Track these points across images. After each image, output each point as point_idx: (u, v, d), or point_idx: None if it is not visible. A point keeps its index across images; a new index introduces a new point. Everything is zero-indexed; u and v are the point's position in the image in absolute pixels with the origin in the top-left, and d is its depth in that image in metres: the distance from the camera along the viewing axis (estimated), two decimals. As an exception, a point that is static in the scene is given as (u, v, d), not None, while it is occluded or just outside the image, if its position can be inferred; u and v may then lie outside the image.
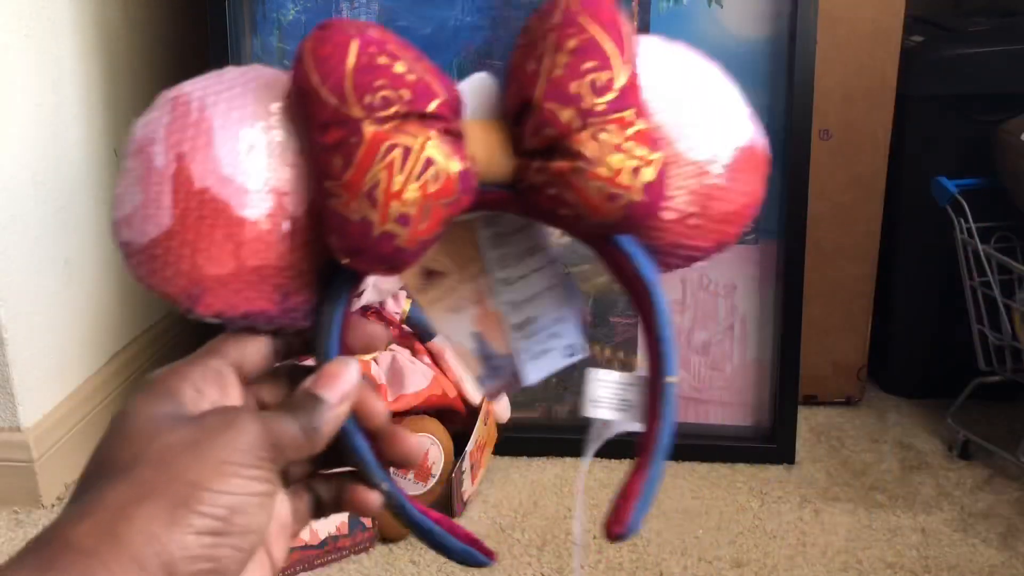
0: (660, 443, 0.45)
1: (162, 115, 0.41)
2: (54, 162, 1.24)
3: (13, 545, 1.13)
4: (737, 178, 0.45)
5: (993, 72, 1.29)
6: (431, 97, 0.39)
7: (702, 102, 0.46)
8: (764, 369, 1.30)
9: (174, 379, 0.39)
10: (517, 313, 0.50)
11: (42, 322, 1.22)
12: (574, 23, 0.41)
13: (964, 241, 1.25)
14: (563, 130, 0.40)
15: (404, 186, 0.38)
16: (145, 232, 0.39)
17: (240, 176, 0.39)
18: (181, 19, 1.56)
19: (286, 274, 0.40)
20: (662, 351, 0.45)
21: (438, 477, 1.11)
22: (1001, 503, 1.18)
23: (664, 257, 0.46)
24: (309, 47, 0.39)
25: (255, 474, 0.36)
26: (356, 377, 0.41)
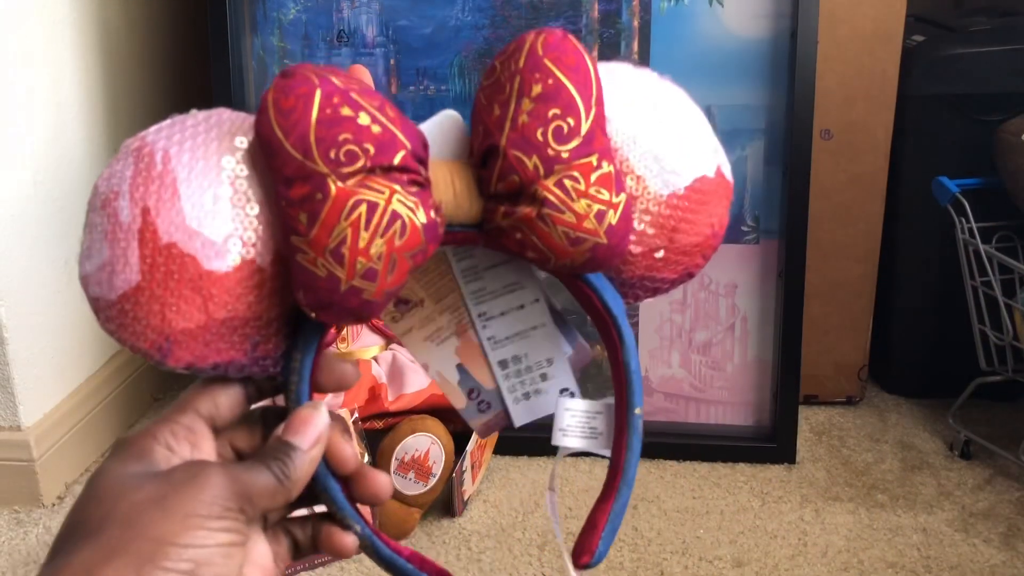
0: (627, 474, 0.46)
1: (125, 168, 0.40)
2: (54, 162, 1.24)
3: (13, 544, 1.13)
4: (702, 209, 0.46)
5: (994, 72, 1.29)
6: (396, 149, 0.39)
7: (667, 134, 0.46)
8: (765, 368, 1.30)
9: (145, 439, 0.40)
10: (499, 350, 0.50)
11: (42, 322, 1.22)
12: (539, 67, 0.41)
13: (965, 241, 1.25)
14: (528, 177, 0.41)
15: (370, 242, 0.38)
16: (114, 288, 0.39)
17: (206, 229, 0.39)
18: (181, 18, 1.56)
19: (255, 324, 0.41)
20: (629, 382, 0.46)
21: (439, 476, 1.11)
22: (1002, 503, 1.18)
23: (631, 289, 0.47)
24: (272, 98, 0.38)
25: (221, 525, 0.37)
26: (326, 421, 0.41)
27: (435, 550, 1.11)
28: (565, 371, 0.51)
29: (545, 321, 0.50)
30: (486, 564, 1.08)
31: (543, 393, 0.51)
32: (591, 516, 0.47)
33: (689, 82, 1.31)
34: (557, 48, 0.41)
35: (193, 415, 0.41)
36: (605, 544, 0.46)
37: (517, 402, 0.51)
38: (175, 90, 1.55)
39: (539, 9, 1.22)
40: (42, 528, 1.16)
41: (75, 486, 1.25)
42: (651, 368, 1.32)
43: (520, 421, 0.52)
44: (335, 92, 0.38)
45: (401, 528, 1.11)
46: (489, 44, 1.24)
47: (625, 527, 1.14)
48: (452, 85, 1.25)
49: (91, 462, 1.30)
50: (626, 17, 1.22)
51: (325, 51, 1.26)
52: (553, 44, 0.41)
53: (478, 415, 0.52)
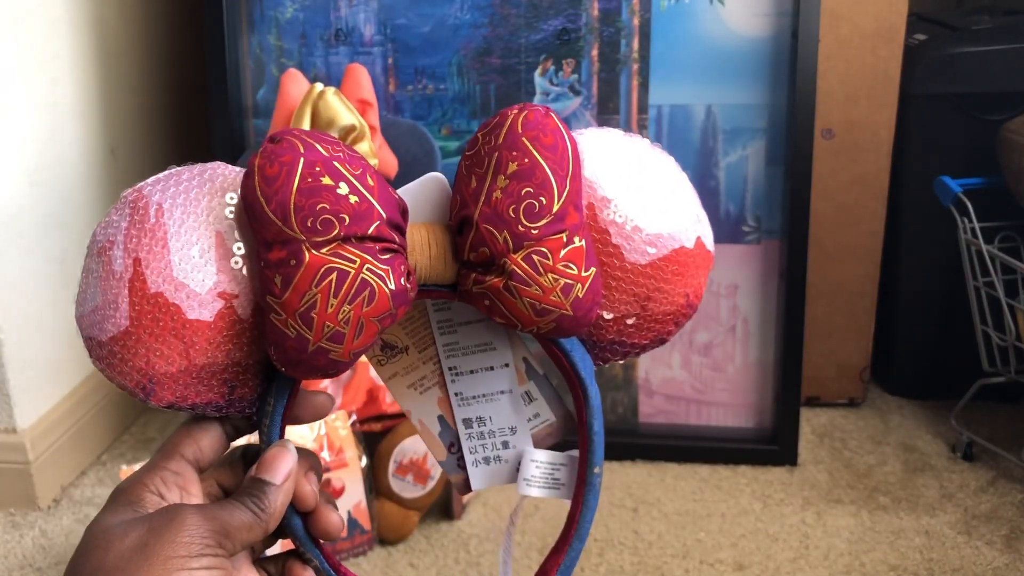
0: (581, 529, 0.49)
1: (121, 219, 0.43)
2: (51, 162, 1.23)
3: (8, 547, 1.13)
4: (677, 279, 0.47)
5: (996, 71, 1.28)
6: (371, 220, 0.41)
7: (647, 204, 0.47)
8: (766, 370, 1.29)
9: (136, 488, 0.43)
10: (465, 408, 0.51)
11: (38, 324, 1.21)
12: (517, 145, 0.43)
13: (968, 241, 1.24)
14: (498, 250, 0.43)
15: (338, 308, 0.41)
16: (105, 330, 0.43)
17: (191, 281, 0.42)
18: (178, 17, 1.56)
19: (233, 370, 0.44)
20: (591, 443, 0.48)
21: (437, 479, 1.11)
22: (1005, 505, 1.17)
23: (602, 352, 0.49)
24: (258, 164, 0.41)
25: (202, 563, 0.40)
26: (295, 457, 0.45)
27: (433, 553, 1.10)
28: (527, 443, 0.52)
29: (513, 388, 0.51)
30: (485, 568, 1.07)
31: (503, 461, 0.52)
32: (542, 566, 0.50)
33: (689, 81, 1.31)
34: (536, 127, 0.43)
35: (179, 460, 0.45)
36: None
37: (476, 464, 0.52)
38: (172, 90, 1.54)
39: (538, 7, 1.21)
40: (37, 531, 1.15)
41: (71, 489, 1.24)
42: (651, 370, 1.31)
43: (477, 486, 0.52)
44: (318, 161, 0.41)
45: (399, 531, 1.11)
46: (488, 43, 1.23)
47: (626, 530, 1.13)
48: (450, 84, 1.24)
49: (87, 464, 1.30)
50: (626, 15, 1.21)
51: (322, 50, 1.25)
52: (533, 122, 0.43)
53: (456, 470, 0.53)
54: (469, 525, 1.14)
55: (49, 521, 1.17)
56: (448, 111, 1.25)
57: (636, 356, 0.49)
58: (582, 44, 1.22)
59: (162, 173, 0.44)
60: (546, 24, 1.22)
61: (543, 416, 0.52)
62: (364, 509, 1.08)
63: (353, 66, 1.12)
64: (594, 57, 1.22)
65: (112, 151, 1.36)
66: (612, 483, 1.24)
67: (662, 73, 1.22)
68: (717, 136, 1.23)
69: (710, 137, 1.24)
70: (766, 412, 1.30)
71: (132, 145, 1.41)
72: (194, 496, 0.44)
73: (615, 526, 1.14)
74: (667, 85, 1.22)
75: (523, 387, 0.51)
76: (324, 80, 1.25)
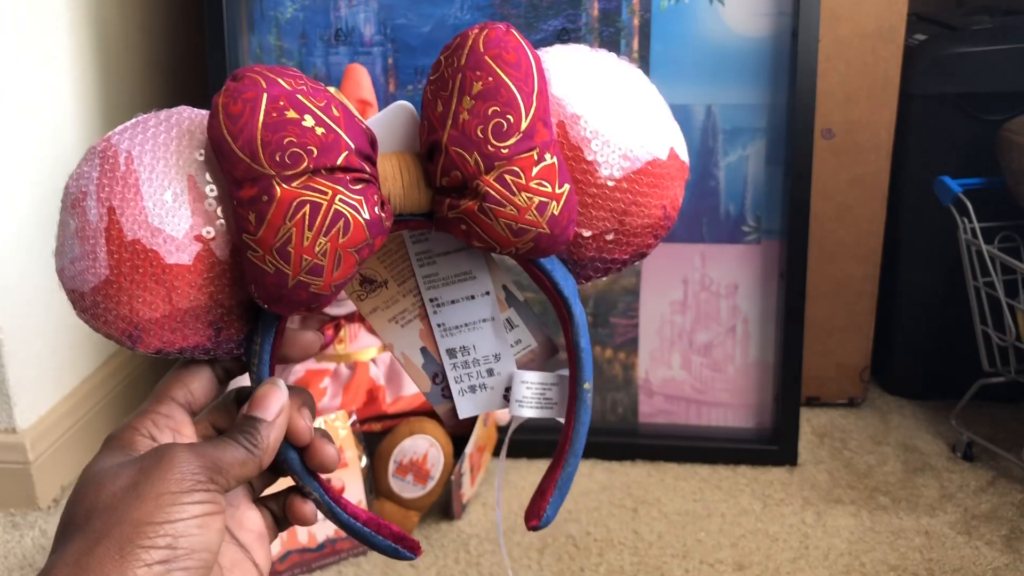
0: (575, 444, 0.49)
1: (92, 169, 0.43)
2: (50, 162, 1.23)
3: (9, 547, 1.13)
4: (652, 191, 0.47)
5: (996, 71, 1.28)
6: (339, 150, 0.41)
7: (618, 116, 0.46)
8: (766, 370, 1.29)
9: (127, 433, 0.44)
10: (448, 339, 0.52)
11: (38, 324, 1.21)
12: (480, 65, 0.43)
13: (968, 241, 1.24)
14: (469, 173, 0.43)
15: (314, 240, 0.41)
16: (86, 281, 0.43)
17: (167, 226, 0.42)
18: (178, 17, 1.56)
19: (217, 311, 0.44)
20: (579, 359, 0.49)
21: (437, 479, 1.10)
22: (1005, 505, 1.17)
23: (583, 269, 0.49)
24: (221, 102, 0.41)
25: (193, 499, 0.40)
26: (286, 394, 0.45)
27: (433, 553, 1.10)
28: (512, 368, 0.52)
29: (495, 315, 0.51)
30: (485, 568, 1.07)
31: (488, 388, 0.52)
32: (541, 484, 0.50)
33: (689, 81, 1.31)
34: (498, 44, 0.43)
35: (170, 403, 0.45)
36: (553, 509, 0.49)
37: (463, 394, 0.53)
38: (171, 89, 1.54)
39: (538, 7, 1.21)
40: (38, 531, 1.15)
41: (71, 488, 1.24)
42: (652, 370, 1.31)
43: (464, 413, 0.53)
44: (282, 95, 0.41)
45: (399, 531, 1.10)
46: (488, 43, 1.23)
47: (626, 530, 1.13)
48: (451, 84, 1.24)
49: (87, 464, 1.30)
50: (626, 15, 1.21)
51: (322, 50, 1.25)
52: (494, 40, 0.43)
53: (442, 401, 0.53)
54: (469, 525, 1.14)
55: (49, 521, 1.17)
56: (448, 111, 1.25)
57: (618, 271, 0.49)
58: (582, 44, 1.22)
59: (129, 121, 0.44)
60: (546, 24, 1.22)
61: (525, 342, 0.52)
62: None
63: (353, 66, 1.12)
64: (594, 57, 1.22)
65: (112, 151, 1.36)
66: (612, 483, 1.24)
67: (662, 73, 1.22)
68: (717, 136, 1.23)
69: (710, 137, 1.24)
70: (766, 412, 1.30)
71: (132, 145, 1.41)
72: (186, 438, 0.45)
73: (615, 526, 1.14)
74: (667, 85, 1.22)
75: (504, 314, 0.52)
76: (324, 80, 1.25)
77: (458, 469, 1.12)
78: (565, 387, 0.51)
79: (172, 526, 0.39)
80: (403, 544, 0.50)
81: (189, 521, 0.39)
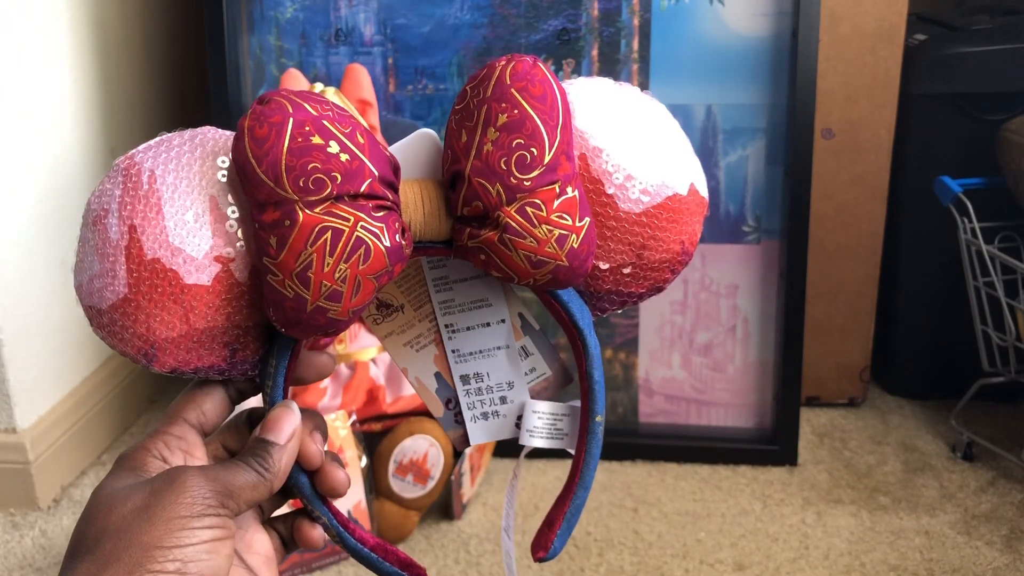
0: (584, 477, 0.49)
1: (115, 186, 0.43)
2: (50, 162, 1.23)
3: (9, 547, 1.13)
4: (671, 227, 0.47)
5: (997, 71, 1.28)
6: (363, 178, 0.41)
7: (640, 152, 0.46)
8: (766, 370, 1.29)
9: (139, 453, 0.43)
10: (462, 365, 0.52)
11: (38, 324, 1.21)
12: (506, 97, 0.43)
13: (968, 241, 1.24)
14: (491, 204, 0.43)
15: (334, 267, 0.41)
16: (104, 299, 0.43)
17: (187, 246, 0.42)
18: (177, 16, 1.55)
19: (233, 333, 0.44)
20: (592, 391, 0.49)
21: (437, 479, 1.10)
22: (1005, 505, 1.17)
23: (599, 302, 0.49)
24: (247, 125, 0.41)
25: (203, 523, 0.40)
26: (298, 416, 0.45)
27: (433, 553, 1.10)
28: (525, 396, 0.52)
29: (510, 343, 0.51)
30: (485, 568, 1.07)
31: (501, 416, 0.52)
32: (549, 515, 0.50)
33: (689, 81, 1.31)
34: (525, 77, 0.43)
35: (182, 424, 0.45)
36: (560, 541, 0.49)
37: (475, 420, 0.52)
38: (171, 89, 1.54)
39: (538, 7, 1.21)
40: (38, 531, 1.15)
41: (71, 489, 1.24)
42: (652, 370, 1.31)
43: (476, 440, 0.53)
44: (307, 120, 0.41)
45: (399, 531, 1.10)
46: (488, 43, 1.23)
47: (626, 530, 1.13)
48: (451, 84, 1.24)
49: (87, 464, 1.30)
50: (626, 15, 1.21)
51: (322, 50, 1.25)
52: (521, 73, 0.43)
53: (454, 426, 0.53)
54: (469, 525, 1.14)
55: (49, 521, 1.17)
56: (448, 111, 1.25)
57: (634, 304, 0.49)
58: (582, 44, 1.22)
59: (153, 140, 0.44)
60: (546, 24, 1.22)
61: (539, 370, 0.52)
62: (364, 509, 1.07)
63: (353, 66, 1.12)
64: (594, 57, 1.22)
65: (112, 151, 1.36)
66: (612, 483, 1.23)
67: (662, 73, 1.22)
68: (717, 136, 1.23)
69: (710, 137, 1.24)
70: (766, 412, 1.30)
71: (132, 145, 1.40)
72: (198, 459, 0.45)
73: (615, 526, 1.14)
74: (667, 85, 1.22)
75: (519, 342, 0.52)
76: (324, 80, 1.25)
77: (458, 469, 1.12)
78: (577, 418, 0.51)
79: (182, 551, 0.39)
80: (410, 571, 0.50)
81: (199, 546, 0.40)
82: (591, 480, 0.49)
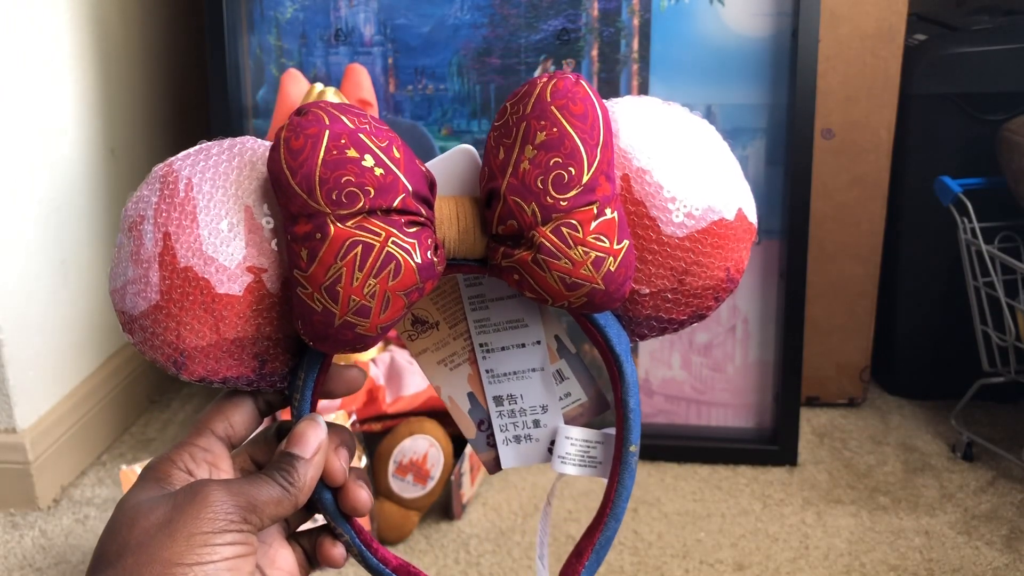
0: (616, 508, 0.48)
1: (152, 193, 0.43)
2: (51, 162, 1.23)
3: (9, 547, 1.13)
4: (716, 252, 0.46)
5: (997, 71, 1.28)
6: (396, 192, 0.41)
7: (685, 174, 0.45)
8: (766, 370, 1.29)
9: (164, 465, 0.43)
10: (495, 385, 0.51)
11: (38, 323, 1.21)
12: (546, 114, 0.42)
13: (968, 241, 1.24)
14: (526, 223, 0.42)
15: (363, 282, 0.40)
16: (136, 305, 0.43)
17: (220, 255, 0.42)
18: (178, 17, 1.55)
19: (263, 344, 0.44)
20: (627, 419, 0.47)
21: (437, 479, 1.10)
22: (1005, 505, 1.17)
23: (638, 327, 0.47)
24: (284, 136, 0.41)
25: (225, 539, 0.40)
26: (324, 430, 0.45)
27: (433, 553, 1.10)
28: (559, 421, 0.51)
29: (544, 366, 0.50)
30: (485, 568, 1.07)
31: (533, 440, 0.51)
32: (578, 545, 0.49)
33: (689, 81, 1.31)
34: (566, 95, 0.42)
35: (209, 436, 0.45)
36: (588, 573, 0.48)
37: (507, 443, 0.51)
38: (171, 89, 1.54)
39: (538, 7, 1.21)
40: (37, 531, 1.15)
41: (71, 489, 1.24)
42: (651, 370, 1.31)
43: (507, 464, 0.51)
44: (344, 133, 0.40)
45: (399, 531, 1.10)
46: (488, 43, 1.23)
47: (625, 530, 1.13)
48: (450, 84, 1.24)
49: (87, 464, 1.30)
50: (626, 15, 1.21)
51: (322, 50, 1.25)
52: (562, 90, 0.42)
53: (486, 449, 0.52)
54: (469, 525, 1.14)
55: (49, 521, 1.17)
56: (448, 111, 1.25)
57: (674, 332, 0.48)
58: (582, 44, 1.22)
59: (192, 148, 0.44)
60: (546, 24, 1.22)
61: (575, 395, 0.51)
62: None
63: (353, 66, 1.12)
64: (594, 57, 1.22)
65: (112, 151, 1.36)
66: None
67: (662, 73, 1.22)
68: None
69: (710, 137, 1.23)
70: (766, 412, 1.30)
71: (132, 145, 1.41)
72: (224, 472, 0.44)
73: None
74: (667, 85, 1.22)
75: (555, 365, 0.50)
76: (324, 80, 1.25)
77: (458, 469, 1.12)
78: (610, 446, 0.49)
79: (203, 568, 0.39)
80: None
81: (220, 563, 0.39)
82: (623, 511, 0.48)
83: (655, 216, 0.44)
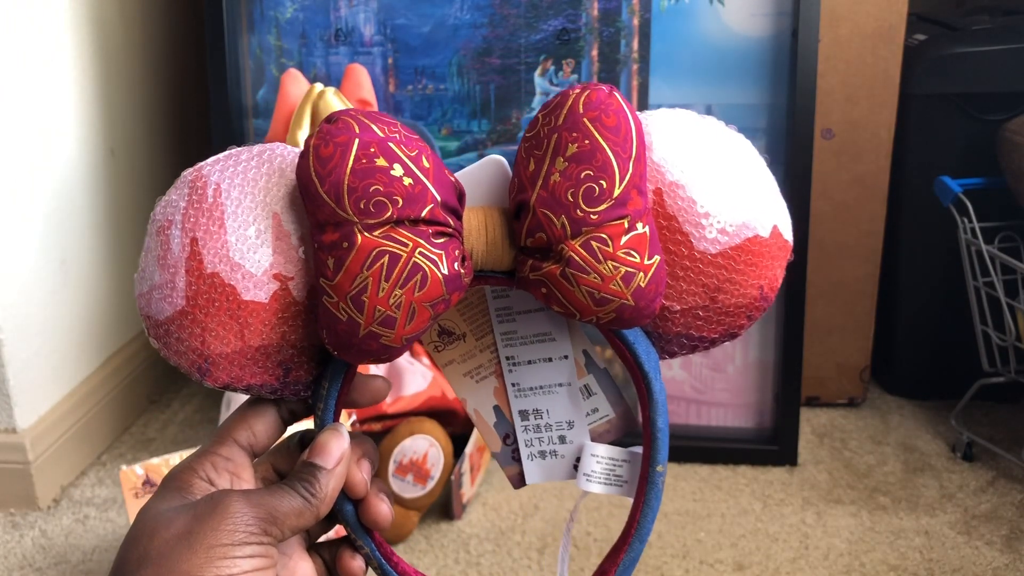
0: (641, 529, 0.47)
1: (180, 198, 0.43)
2: (51, 162, 1.23)
3: (8, 547, 1.13)
4: (750, 270, 0.45)
5: (997, 70, 1.28)
6: (424, 203, 0.40)
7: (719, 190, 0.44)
8: (766, 370, 1.29)
9: (185, 474, 0.43)
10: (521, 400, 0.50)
11: (38, 323, 1.21)
12: (578, 126, 0.41)
13: (968, 241, 1.24)
14: (555, 236, 0.41)
15: (389, 292, 0.40)
16: (162, 310, 0.42)
17: (247, 262, 0.42)
18: (178, 17, 1.56)
19: (288, 352, 0.43)
20: (655, 439, 0.46)
21: (437, 479, 1.10)
22: (1005, 505, 1.17)
23: (668, 345, 0.46)
24: (313, 144, 0.40)
25: (245, 552, 0.39)
26: (346, 440, 0.44)
27: (433, 553, 1.10)
28: (585, 437, 0.50)
29: (571, 380, 0.49)
30: (485, 568, 1.07)
31: (559, 456, 0.50)
32: (602, 565, 0.48)
33: (689, 81, 1.31)
34: (598, 107, 0.41)
35: (231, 445, 0.45)
36: None
37: (532, 458, 0.50)
38: (171, 89, 1.54)
39: (538, 7, 1.21)
40: (38, 531, 1.15)
41: (71, 489, 1.24)
42: (651, 369, 1.31)
43: (532, 479, 0.50)
44: (373, 141, 0.40)
45: (399, 531, 1.10)
46: (488, 43, 1.23)
47: (625, 530, 1.13)
48: (450, 84, 1.24)
49: (87, 464, 1.30)
50: (626, 15, 1.21)
51: (322, 50, 1.25)
52: (595, 102, 0.41)
53: (511, 463, 0.51)
54: (469, 525, 1.14)
55: (49, 521, 1.17)
56: (448, 111, 1.25)
57: (705, 350, 0.47)
58: (582, 44, 1.22)
59: (222, 153, 0.44)
60: (546, 24, 1.22)
61: (602, 411, 0.50)
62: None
63: (353, 66, 1.12)
64: (594, 57, 1.22)
65: (112, 151, 1.36)
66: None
67: (662, 73, 1.22)
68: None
69: (710, 137, 1.23)
70: (766, 412, 1.30)
71: (132, 145, 1.41)
72: (245, 482, 0.44)
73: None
74: (667, 85, 1.22)
75: (582, 380, 0.50)
76: (324, 80, 1.25)
77: (458, 469, 1.12)
78: (637, 465, 0.48)
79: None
80: None
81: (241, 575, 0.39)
82: (648, 533, 0.47)
83: (688, 231, 0.44)
